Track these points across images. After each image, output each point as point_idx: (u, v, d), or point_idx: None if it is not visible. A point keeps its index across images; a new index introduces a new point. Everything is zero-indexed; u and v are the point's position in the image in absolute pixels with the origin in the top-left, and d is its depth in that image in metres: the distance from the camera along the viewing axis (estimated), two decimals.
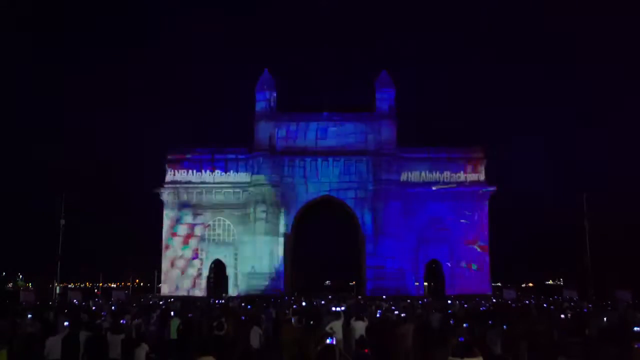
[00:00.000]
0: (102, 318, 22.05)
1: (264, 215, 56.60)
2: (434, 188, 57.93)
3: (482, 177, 59.37)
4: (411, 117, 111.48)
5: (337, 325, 18.26)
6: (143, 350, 15.22)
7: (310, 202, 58.76)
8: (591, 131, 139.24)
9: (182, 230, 58.78)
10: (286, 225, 57.88)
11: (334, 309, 23.89)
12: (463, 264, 58.01)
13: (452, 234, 58.37)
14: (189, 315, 24.10)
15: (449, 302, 37.18)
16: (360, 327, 19.06)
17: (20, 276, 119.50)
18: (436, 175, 58.76)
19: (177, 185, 59.07)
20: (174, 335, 21.17)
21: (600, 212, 54.56)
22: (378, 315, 23.16)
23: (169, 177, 59.69)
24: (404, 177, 57.92)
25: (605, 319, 23.18)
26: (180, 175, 59.41)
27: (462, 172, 59.08)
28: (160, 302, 38.46)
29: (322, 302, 37.67)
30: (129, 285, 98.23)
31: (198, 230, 58.73)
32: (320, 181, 57.89)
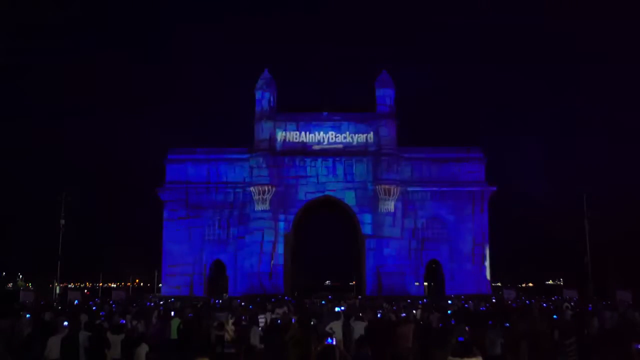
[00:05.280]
0: (102, 318, 22.06)
1: (264, 215, 56.56)
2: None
3: (482, 177, 59.34)
4: (411, 116, 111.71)
5: (337, 325, 18.26)
6: (143, 350, 15.24)
7: (310, 202, 58.70)
8: (591, 131, 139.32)
9: (182, 230, 58.73)
10: (286, 225, 57.80)
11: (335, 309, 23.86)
12: (463, 264, 57.95)
13: (452, 234, 58.33)
14: (189, 315, 24.09)
15: (449, 302, 37.13)
16: (360, 327, 19.06)
17: (20, 276, 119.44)
18: (436, 175, 58.74)
19: (177, 185, 59.02)
20: (174, 335, 21.18)
21: (600, 212, 54.50)
22: (378, 315, 23.12)
23: (169, 176, 59.63)
24: (404, 177, 57.84)
25: (605, 319, 23.18)
26: (180, 175, 59.35)
27: (462, 172, 59.05)
28: (160, 302, 38.45)
29: (323, 302, 37.62)
30: (129, 286, 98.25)
31: (198, 230, 58.68)
32: (320, 181, 57.82)
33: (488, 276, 58.40)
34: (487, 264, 58.15)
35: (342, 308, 25.69)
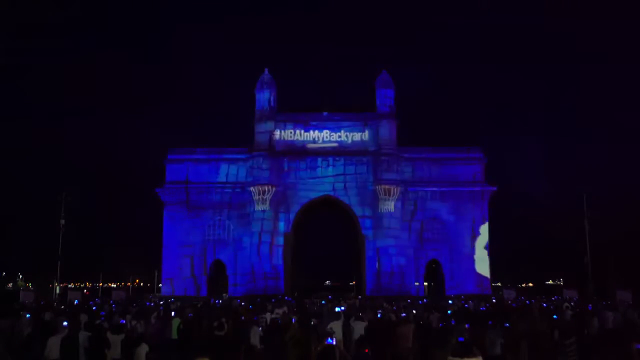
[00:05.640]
0: (102, 318, 22.05)
1: (263, 215, 56.56)
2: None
3: (482, 177, 59.35)
4: (411, 116, 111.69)
5: (337, 325, 18.25)
6: (143, 350, 15.23)
7: (310, 202, 58.68)
8: (591, 131, 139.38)
9: (182, 230, 58.73)
10: (286, 225, 57.79)
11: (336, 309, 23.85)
12: (463, 263, 57.95)
13: (452, 234, 58.33)
14: (189, 315, 24.08)
15: (450, 302, 37.12)
16: (360, 327, 19.06)
17: (20, 276, 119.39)
18: (436, 175, 58.77)
19: (177, 185, 59.05)
20: (174, 335, 21.17)
21: (600, 212, 54.50)
22: (378, 315, 23.11)
23: (169, 176, 59.65)
24: (404, 176, 57.83)
25: (607, 319, 23.17)
26: (180, 175, 59.36)
27: (462, 172, 59.06)
28: (160, 302, 38.44)
29: (323, 302, 37.61)
30: (129, 286, 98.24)
31: (198, 230, 58.68)
32: (320, 181, 57.81)
33: (488, 276, 58.39)
34: (487, 263, 58.15)
35: (342, 308, 25.69)
